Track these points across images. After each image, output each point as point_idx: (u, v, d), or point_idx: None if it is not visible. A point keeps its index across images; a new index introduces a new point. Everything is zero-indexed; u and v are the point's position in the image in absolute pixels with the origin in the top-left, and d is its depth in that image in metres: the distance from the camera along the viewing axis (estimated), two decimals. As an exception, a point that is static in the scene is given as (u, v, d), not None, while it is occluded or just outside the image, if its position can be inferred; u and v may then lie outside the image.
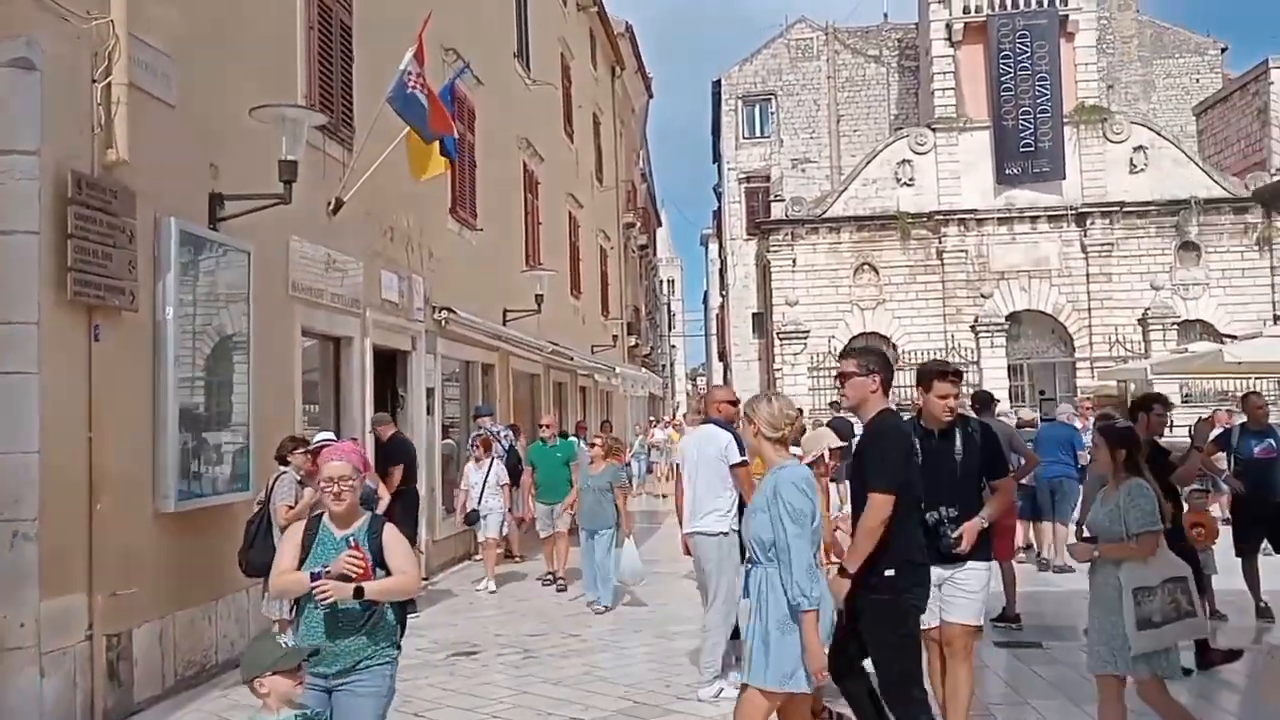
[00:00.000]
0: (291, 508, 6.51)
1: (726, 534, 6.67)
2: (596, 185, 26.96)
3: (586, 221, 24.34)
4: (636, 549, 9.18)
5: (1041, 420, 14.24)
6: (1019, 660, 7.65)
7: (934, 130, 34.39)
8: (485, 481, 11.18)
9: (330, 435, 7.34)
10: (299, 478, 6.74)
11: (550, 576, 11.23)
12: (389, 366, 11.42)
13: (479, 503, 11.16)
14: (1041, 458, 10.43)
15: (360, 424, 9.74)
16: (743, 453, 6.52)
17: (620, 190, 31.81)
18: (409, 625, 4.34)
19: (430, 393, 12.14)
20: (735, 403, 7.04)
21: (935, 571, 4.84)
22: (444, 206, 13.13)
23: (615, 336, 26.97)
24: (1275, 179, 31.90)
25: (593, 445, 10.52)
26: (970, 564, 5.15)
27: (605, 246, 27.82)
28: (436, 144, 9.39)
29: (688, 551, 7.00)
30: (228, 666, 7.20)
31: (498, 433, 13.09)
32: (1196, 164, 33.60)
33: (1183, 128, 40.11)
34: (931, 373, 5.32)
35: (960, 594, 5.15)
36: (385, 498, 8.63)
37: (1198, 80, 44.02)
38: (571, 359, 18.47)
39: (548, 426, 11.76)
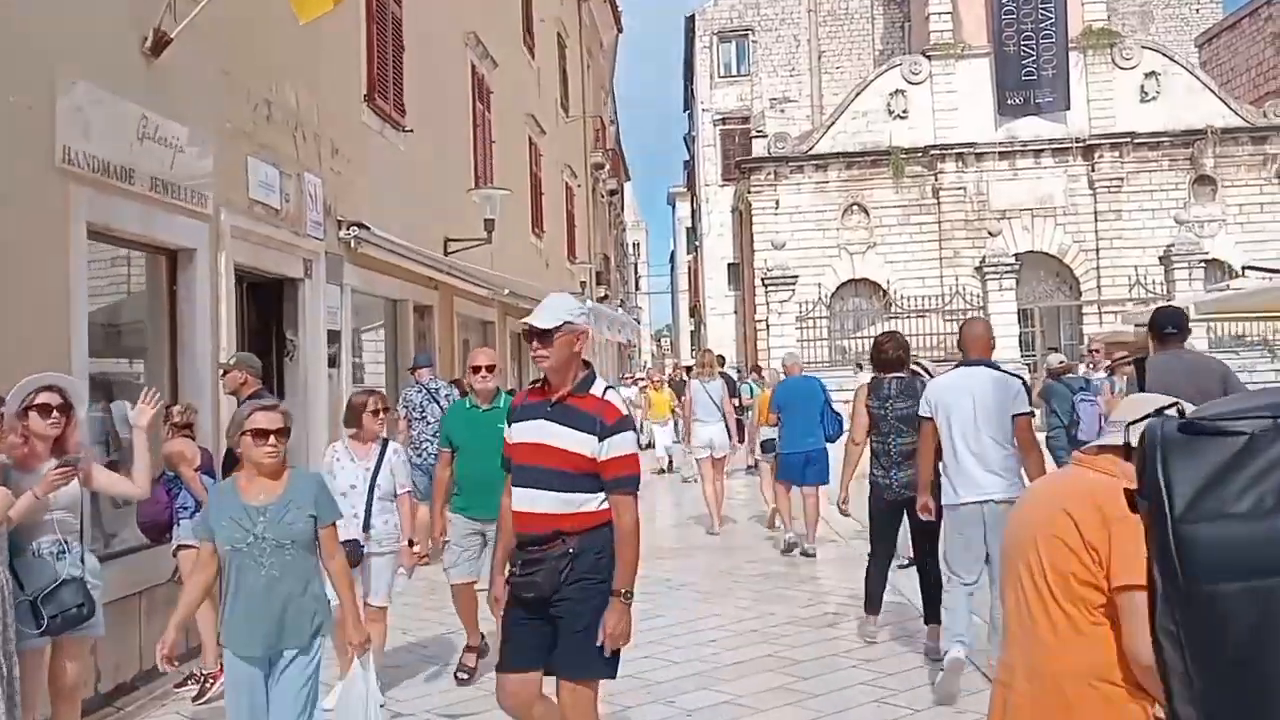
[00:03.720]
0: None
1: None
2: (562, 115, 24.07)
3: (550, 153, 21.37)
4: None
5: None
6: None
7: (929, 58, 31.61)
8: (371, 486, 5.72)
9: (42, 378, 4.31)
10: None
11: (467, 672, 6.14)
12: (269, 300, 8.40)
13: (364, 526, 5.63)
14: None
15: (211, 377, 6.69)
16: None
17: (588, 126, 28.90)
18: None
19: (335, 337, 9.12)
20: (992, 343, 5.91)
21: None
22: (356, 91, 10.05)
23: (583, 284, 24.02)
24: None
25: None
26: None
27: (571, 184, 24.88)
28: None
29: (928, 511, 5.86)
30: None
31: (438, 390, 10.07)
32: (1212, 91, 31.16)
33: (1185, 59, 37.79)
34: None
35: None
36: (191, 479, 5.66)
37: (1198, 10, 41.58)
38: (537, 301, 15.41)
39: (484, 371, 6.07)
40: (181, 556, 5.65)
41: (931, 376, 6.54)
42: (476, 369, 6.12)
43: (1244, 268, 27.30)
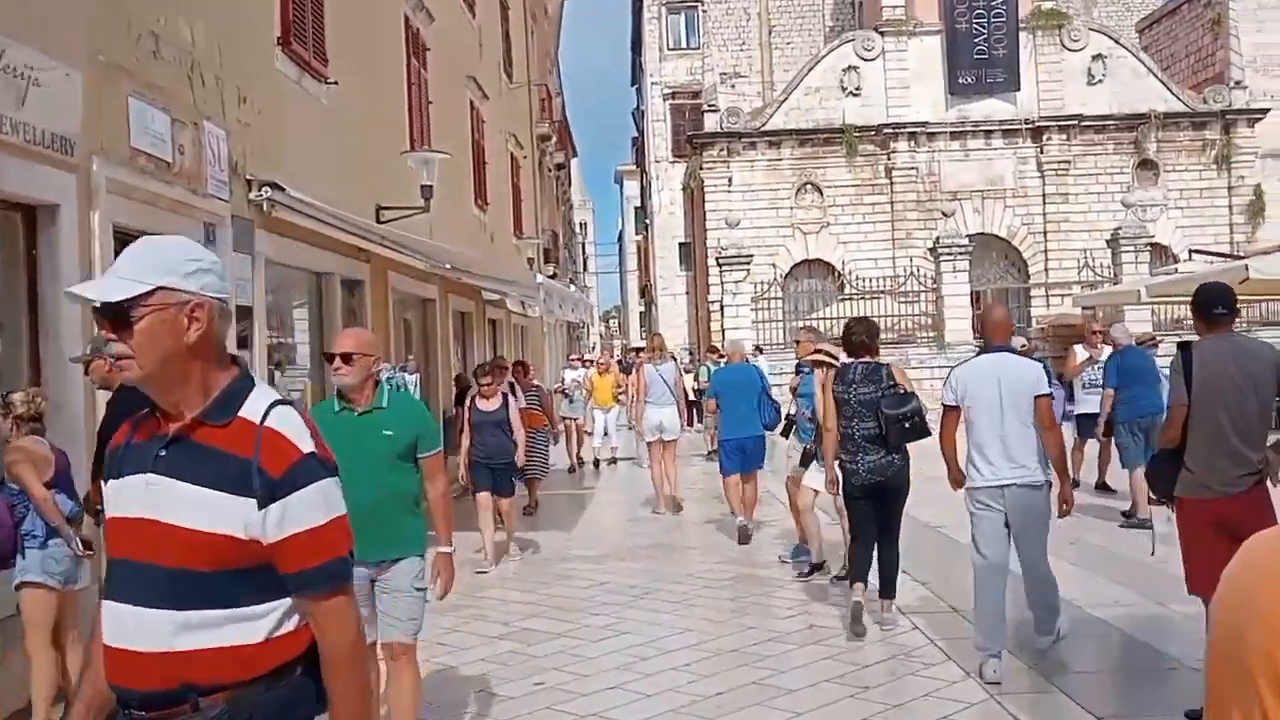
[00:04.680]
0: None
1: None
2: (505, 81, 22.87)
3: (494, 120, 20.18)
4: None
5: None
6: None
7: (882, 34, 30.89)
8: None
9: None
10: None
11: None
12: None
13: None
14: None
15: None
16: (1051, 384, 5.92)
17: (533, 94, 27.73)
18: None
19: (245, 314, 7.97)
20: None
21: None
22: (268, 32, 8.87)
23: (530, 260, 22.89)
24: (1234, 90, 30.43)
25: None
26: None
27: (517, 155, 23.71)
28: None
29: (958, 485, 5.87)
30: None
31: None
32: (1156, 75, 31.07)
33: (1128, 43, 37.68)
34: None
35: None
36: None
37: (1140, -5, 41.47)
38: (494, 282, 14.22)
39: (339, 363, 4.30)
40: (24, 597, 4.49)
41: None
42: (331, 359, 4.33)
43: (1190, 251, 27.35)
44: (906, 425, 6.29)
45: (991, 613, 5.57)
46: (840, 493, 6.81)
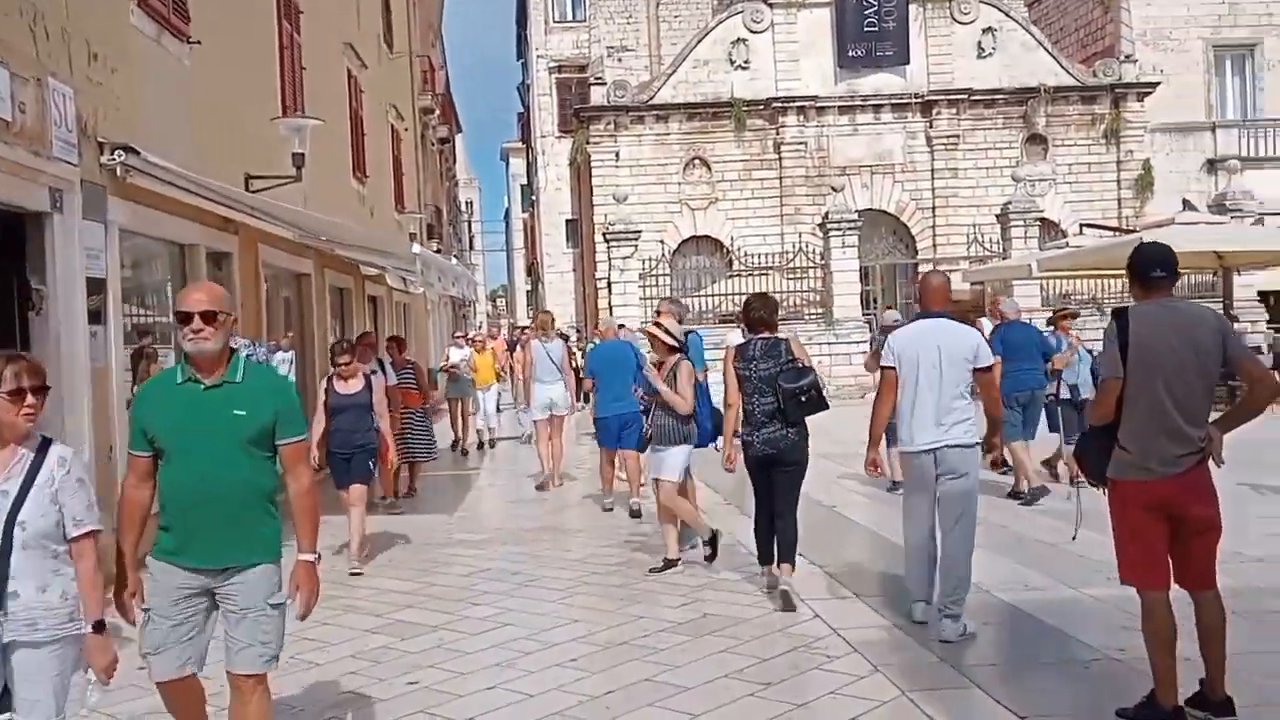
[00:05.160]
0: None
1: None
2: (386, 50, 22.10)
3: (373, 90, 19.44)
4: None
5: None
6: None
7: (770, 6, 30.75)
8: (9, 523, 3.29)
9: None
10: None
11: None
12: (6, 240, 6.59)
13: None
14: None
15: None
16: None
17: (415, 66, 26.92)
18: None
19: (98, 287, 7.35)
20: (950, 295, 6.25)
21: None
22: (121, -15, 8.18)
23: (413, 235, 22.20)
24: (1124, 64, 30.83)
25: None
26: None
27: (398, 127, 22.96)
28: None
29: (876, 468, 6.16)
30: None
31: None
32: (1046, 49, 31.42)
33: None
34: None
35: None
36: None
37: (1028, -33, 42.10)
38: (367, 252, 13.55)
39: (198, 325, 3.59)
40: None
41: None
42: (187, 319, 3.57)
43: (1081, 226, 28.00)
44: (803, 399, 6.38)
45: (922, 567, 5.92)
46: (735, 469, 6.84)
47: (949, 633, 5.64)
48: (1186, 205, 27.17)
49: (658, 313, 8.53)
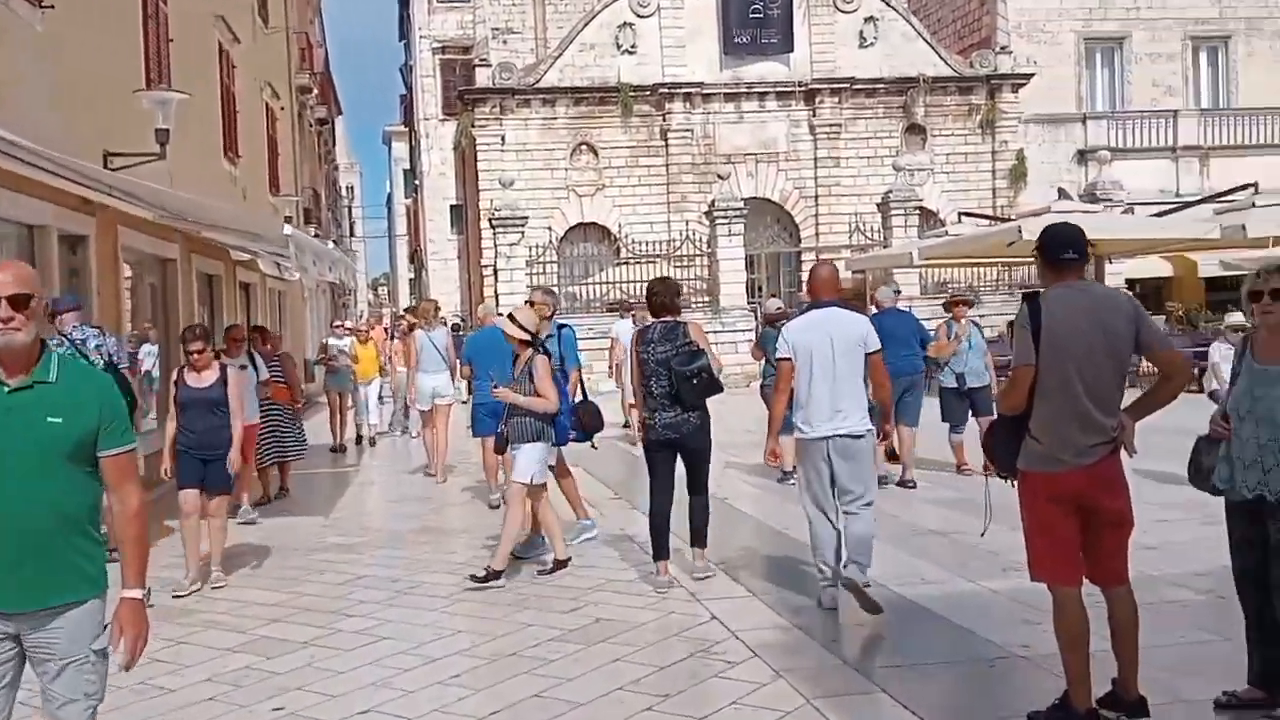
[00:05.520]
0: None
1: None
2: (260, 25, 21.19)
3: (246, 66, 18.60)
4: None
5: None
6: None
7: (658, -10, 30.48)
8: None
9: None
10: None
11: None
12: None
13: None
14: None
15: None
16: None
17: (292, 43, 25.95)
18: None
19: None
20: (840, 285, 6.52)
21: None
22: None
23: (288, 218, 21.31)
24: (999, 56, 31.44)
25: None
26: None
27: (274, 106, 22.06)
28: None
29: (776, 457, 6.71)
30: None
31: (86, 340, 7.79)
32: (925, 39, 31.87)
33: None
34: None
35: None
36: None
37: (908, -41, 42.80)
38: (234, 234, 12.79)
39: (17, 307, 2.95)
40: None
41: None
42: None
43: (960, 214, 28.53)
44: (695, 382, 6.49)
45: (827, 552, 6.02)
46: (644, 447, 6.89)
47: (855, 576, 5.92)
48: (1061, 194, 27.84)
49: (529, 303, 8.15)
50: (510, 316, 7.29)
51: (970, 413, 10.79)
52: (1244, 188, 24.95)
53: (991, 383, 10.78)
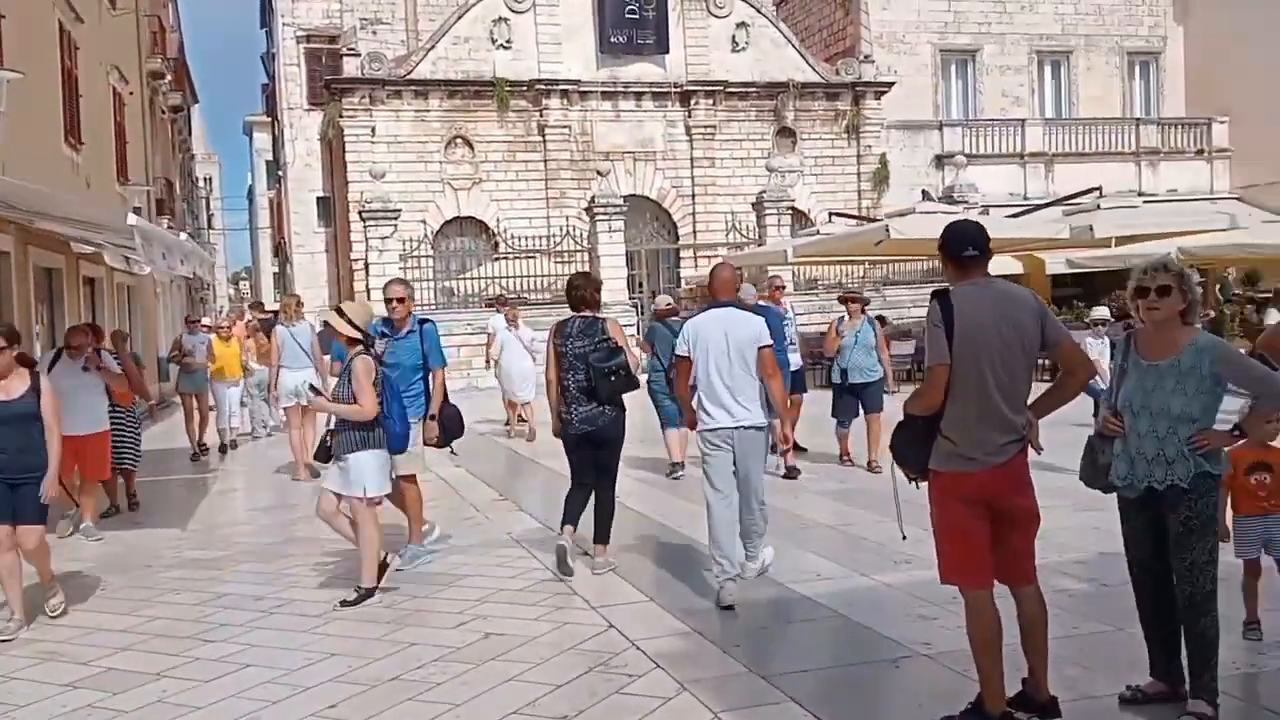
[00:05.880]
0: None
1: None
2: (107, 5, 19.92)
3: (90, 47, 17.41)
4: None
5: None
6: None
7: (533, -14, 30.07)
8: None
9: None
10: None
11: None
12: None
13: None
14: None
15: None
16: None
17: (143, 25, 24.55)
18: None
19: None
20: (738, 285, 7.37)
21: None
22: None
23: (137, 209, 20.06)
24: (863, 64, 32.48)
25: None
26: None
27: (122, 90, 20.77)
28: None
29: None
30: None
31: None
32: (794, 46, 32.65)
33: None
34: None
35: None
36: None
37: (776, -33, 43.47)
38: (72, 224, 11.79)
39: None
40: None
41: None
42: None
43: (830, 214, 29.12)
44: (613, 378, 6.59)
45: (726, 543, 6.10)
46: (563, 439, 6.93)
47: (750, 574, 6.35)
48: (925, 196, 28.80)
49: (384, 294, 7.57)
50: (338, 310, 6.55)
51: (860, 409, 10.69)
52: (1089, 191, 26.31)
53: (887, 379, 10.74)
